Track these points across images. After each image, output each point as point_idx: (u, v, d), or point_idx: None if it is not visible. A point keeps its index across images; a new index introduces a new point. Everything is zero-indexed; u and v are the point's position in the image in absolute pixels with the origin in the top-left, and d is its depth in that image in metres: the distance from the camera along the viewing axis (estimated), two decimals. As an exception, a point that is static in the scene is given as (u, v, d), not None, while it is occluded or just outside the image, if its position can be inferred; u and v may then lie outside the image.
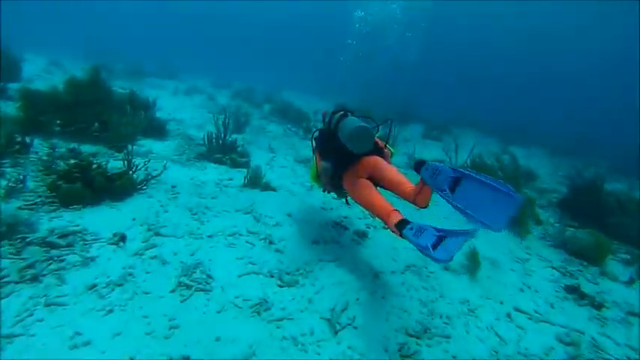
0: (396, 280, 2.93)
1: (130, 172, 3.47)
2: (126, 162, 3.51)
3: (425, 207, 2.27)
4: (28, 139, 3.64)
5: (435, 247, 1.69)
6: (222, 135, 4.96)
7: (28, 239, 2.27)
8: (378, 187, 2.51)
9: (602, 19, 21.06)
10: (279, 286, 2.51)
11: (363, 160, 2.57)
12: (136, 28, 31.29)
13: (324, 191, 3.19)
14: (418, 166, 2.06)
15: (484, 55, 31.68)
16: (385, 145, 2.81)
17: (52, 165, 3.23)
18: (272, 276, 2.60)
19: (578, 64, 29.23)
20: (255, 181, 4.19)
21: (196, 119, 7.22)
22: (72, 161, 3.07)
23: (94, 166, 3.04)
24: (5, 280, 1.98)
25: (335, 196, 3.22)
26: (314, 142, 3.05)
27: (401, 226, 1.97)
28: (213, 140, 4.90)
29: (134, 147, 4.37)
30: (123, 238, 2.55)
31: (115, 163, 3.84)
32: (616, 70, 26.59)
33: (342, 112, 2.65)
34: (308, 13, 35.17)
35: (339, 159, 2.61)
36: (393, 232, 2.05)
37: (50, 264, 2.16)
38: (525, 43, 29.32)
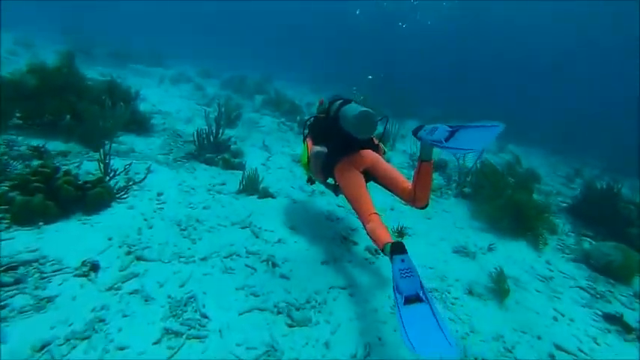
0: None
1: (107, 179, 2.95)
2: (102, 165, 2.99)
3: (424, 205, 2.31)
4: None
5: (407, 299, 1.67)
6: (214, 132, 4.45)
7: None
8: (372, 183, 2.59)
9: (602, 18, 20.98)
10: (289, 325, 2.09)
11: (362, 152, 2.59)
12: (121, 8, 29.54)
13: (307, 181, 3.25)
14: (416, 130, 2.17)
15: (478, 50, 31.45)
16: (379, 142, 2.82)
17: (7, 168, 2.68)
18: (279, 312, 2.17)
19: (576, 60, 29.22)
20: (252, 187, 3.72)
21: (184, 112, 6.63)
22: (34, 164, 2.54)
23: (61, 172, 2.52)
24: None
25: (322, 187, 3.27)
26: (307, 129, 2.98)
27: (395, 250, 1.85)
28: (204, 138, 4.38)
29: (114, 145, 3.83)
30: (94, 267, 2.07)
31: (89, 166, 3.31)
32: (615, 68, 26.70)
33: (342, 100, 2.63)
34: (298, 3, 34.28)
35: (337, 146, 2.57)
36: (372, 238, 2.09)
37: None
38: (520, 37, 29.14)
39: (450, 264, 3.31)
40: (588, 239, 4.38)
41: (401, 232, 3.64)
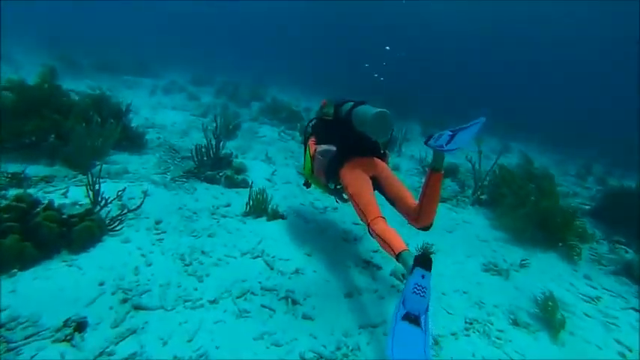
0: (463, 348, 2.21)
1: (98, 208, 2.58)
2: (91, 193, 2.62)
3: (428, 225, 2.26)
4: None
5: (407, 316, 1.62)
6: (214, 147, 4.10)
7: None
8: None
9: (603, 16, 20.98)
10: (322, 385, 1.74)
11: (374, 159, 2.53)
12: (108, 17, 29.08)
13: (304, 183, 3.14)
14: (427, 140, 2.13)
15: (479, 48, 31.37)
16: (385, 151, 2.75)
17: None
18: (308, 367, 1.82)
19: (576, 57, 29.20)
20: (260, 207, 3.37)
21: (179, 124, 6.26)
22: (10, 194, 2.17)
23: (41, 206, 2.14)
24: None
25: (321, 190, 3.17)
26: (309, 129, 2.95)
27: (421, 263, 1.72)
28: (204, 154, 4.02)
29: (105, 165, 3.46)
30: (80, 325, 1.70)
31: (77, 192, 2.93)
32: (614, 65, 26.74)
33: (355, 102, 2.57)
34: (288, 7, 34.18)
35: (346, 147, 2.50)
36: (382, 241, 1.98)
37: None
38: (518, 34, 29.05)
39: (483, 286, 2.99)
40: (623, 247, 4.09)
41: (426, 252, 3.30)
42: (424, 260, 1.70)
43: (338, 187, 2.74)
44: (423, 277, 1.66)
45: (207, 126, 4.24)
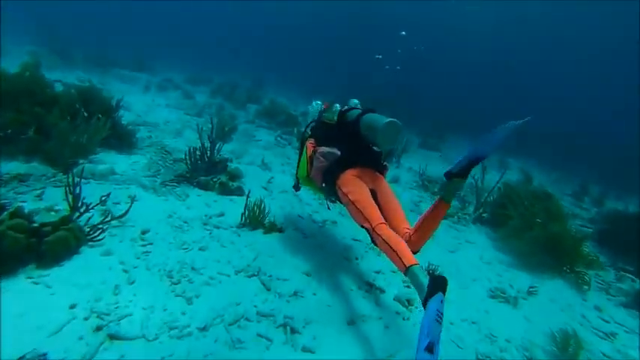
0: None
1: (77, 215, 2.30)
2: (71, 197, 2.34)
3: (415, 252, 2.02)
4: None
5: (428, 347, 1.41)
6: (209, 151, 3.84)
7: None
8: None
9: (603, 20, 21.19)
10: None
11: (375, 172, 2.47)
12: (104, 8, 28.46)
13: (294, 186, 3.07)
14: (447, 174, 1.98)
15: (470, 54, 31.55)
16: (385, 164, 2.67)
17: None
18: (310, 416, 1.58)
19: (573, 67, 29.49)
20: (256, 219, 3.12)
21: (173, 123, 5.98)
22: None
23: (6, 213, 1.86)
24: None
25: (312, 192, 3.18)
26: (308, 131, 2.89)
27: (439, 287, 1.59)
28: (197, 158, 3.76)
29: (89, 165, 3.18)
30: (43, 362, 1.42)
31: (53, 195, 2.65)
32: (614, 74, 27.01)
33: (364, 109, 2.55)
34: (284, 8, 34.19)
35: (349, 153, 2.44)
36: (388, 249, 1.84)
37: None
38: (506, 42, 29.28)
39: (492, 315, 2.80)
40: (629, 275, 3.96)
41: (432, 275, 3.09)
42: (441, 283, 1.59)
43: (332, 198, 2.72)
44: (442, 302, 1.56)
45: (202, 127, 3.96)
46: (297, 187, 3.09)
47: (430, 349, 1.45)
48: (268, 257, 2.71)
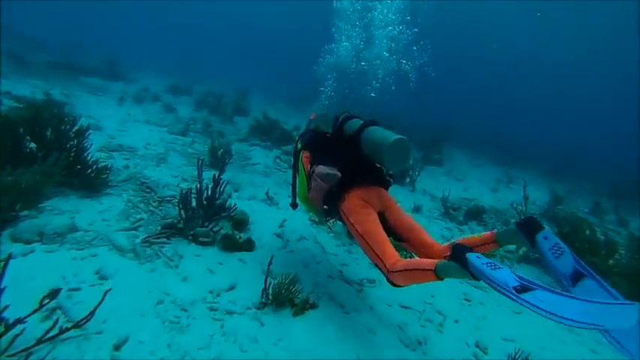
0: None
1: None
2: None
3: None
4: None
5: (519, 291, 1.19)
6: (208, 192, 2.93)
7: None
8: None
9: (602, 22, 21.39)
10: None
11: (380, 189, 2.20)
12: (78, 15, 26.58)
13: (290, 204, 2.74)
14: (529, 224, 1.66)
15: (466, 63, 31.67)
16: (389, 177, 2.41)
17: None
18: None
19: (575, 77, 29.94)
20: (281, 294, 2.24)
21: (154, 146, 4.98)
22: None
23: None
24: None
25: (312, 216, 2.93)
26: (299, 144, 2.58)
27: (460, 254, 1.37)
28: (193, 206, 2.84)
29: (37, 221, 2.21)
30: None
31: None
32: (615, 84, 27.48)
33: (365, 120, 2.28)
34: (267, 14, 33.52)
35: (349, 172, 2.15)
36: (414, 269, 1.61)
37: None
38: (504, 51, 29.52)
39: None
40: None
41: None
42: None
43: (332, 220, 2.54)
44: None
45: (197, 157, 3.05)
46: (294, 206, 2.77)
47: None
48: (310, 365, 1.84)
